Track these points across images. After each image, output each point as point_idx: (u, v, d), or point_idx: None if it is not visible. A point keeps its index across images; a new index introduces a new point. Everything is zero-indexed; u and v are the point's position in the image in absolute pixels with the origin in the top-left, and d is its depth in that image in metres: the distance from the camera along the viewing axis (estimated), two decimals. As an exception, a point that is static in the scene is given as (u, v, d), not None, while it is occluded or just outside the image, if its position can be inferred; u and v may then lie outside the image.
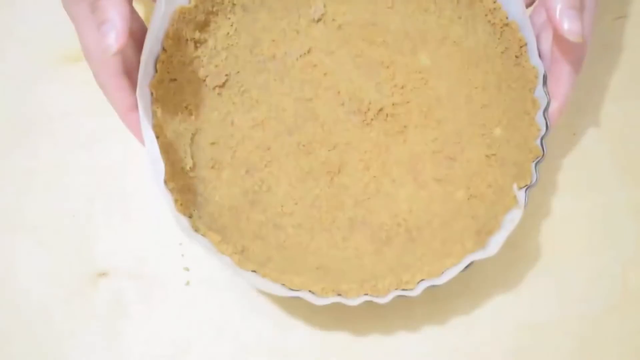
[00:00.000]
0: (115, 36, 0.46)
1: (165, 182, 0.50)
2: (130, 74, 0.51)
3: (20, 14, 0.64)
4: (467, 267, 0.50)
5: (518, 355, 0.56)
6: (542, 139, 0.51)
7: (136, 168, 0.58)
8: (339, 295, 0.49)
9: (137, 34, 0.52)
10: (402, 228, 0.55)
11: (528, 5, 0.54)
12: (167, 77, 0.52)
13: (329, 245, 0.54)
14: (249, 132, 0.56)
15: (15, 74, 0.62)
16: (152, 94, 0.51)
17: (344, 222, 0.55)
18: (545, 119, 0.51)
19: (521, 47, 0.53)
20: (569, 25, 0.48)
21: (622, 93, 0.63)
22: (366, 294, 0.49)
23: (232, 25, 0.56)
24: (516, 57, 0.53)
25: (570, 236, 0.59)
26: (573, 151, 0.61)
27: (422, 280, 0.50)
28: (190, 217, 0.51)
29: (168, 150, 0.52)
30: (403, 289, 0.50)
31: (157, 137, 0.51)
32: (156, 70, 0.52)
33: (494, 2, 0.53)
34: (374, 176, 0.56)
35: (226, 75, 0.56)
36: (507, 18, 0.53)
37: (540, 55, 0.52)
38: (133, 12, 0.53)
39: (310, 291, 0.49)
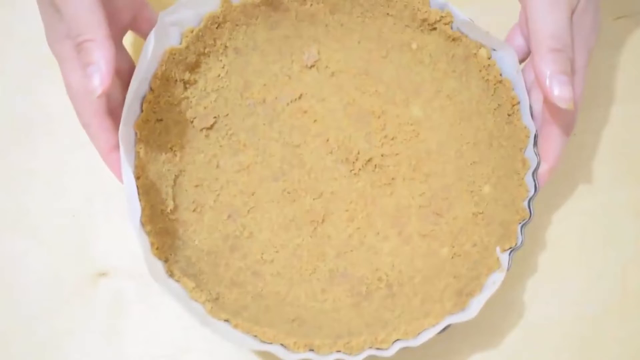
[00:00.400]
0: (99, 79, 0.45)
1: (143, 224, 0.49)
2: (115, 113, 0.50)
3: (20, 14, 0.64)
4: (444, 329, 0.48)
5: (518, 356, 0.56)
6: (529, 201, 0.50)
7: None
8: (311, 350, 0.48)
9: (125, 72, 0.52)
10: (383, 283, 0.54)
11: (521, 61, 0.53)
12: (153, 117, 0.52)
13: (307, 296, 0.53)
14: (234, 176, 0.56)
15: (15, 74, 0.63)
16: (136, 134, 0.51)
17: (324, 274, 0.54)
18: (534, 180, 0.50)
19: (513, 105, 0.52)
20: (559, 92, 0.47)
21: (622, 93, 0.63)
22: (339, 351, 0.48)
23: (223, 67, 0.55)
24: (508, 115, 0.52)
25: (570, 236, 0.59)
26: (573, 151, 0.60)
27: (398, 340, 0.48)
28: (166, 261, 0.50)
29: (149, 191, 0.51)
30: (377, 348, 0.48)
31: (138, 178, 0.50)
32: (142, 110, 0.51)
33: (489, 59, 0.53)
34: (358, 228, 0.55)
35: (214, 117, 0.55)
36: (500, 75, 0.52)
37: (532, 115, 0.51)
38: (122, 50, 0.53)
39: (282, 344, 0.48)
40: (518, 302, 0.57)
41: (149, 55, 0.50)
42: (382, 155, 0.56)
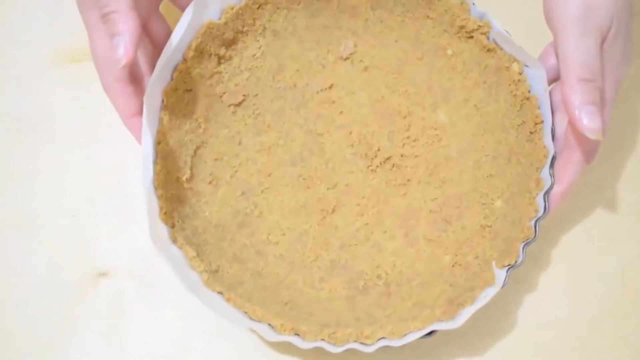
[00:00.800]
0: (124, 50, 0.47)
1: (155, 188, 0.50)
2: (139, 80, 0.52)
3: (20, 14, 0.64)
4: (429, 333, 0.49)
5: (516, 355, 0.56)
6: (537, 221, 0.50)
7: (136, 168, 0.59)
8: (297, 335, 0.49)
9: (161, 39, 0.53)
10: (381, 281, 0.54)
11: (553, 81, 0.52)
12: (183, 87, 0.53)
13: (305, 282, 0.54)
14: (254, 155, 0.57)
15: (15, 74, 0.63)
16: (163, 100, 0.52)
17: (325, 263, 0.55)
18: (545, 201, 0.50)
19: (537, 123, 0.51)
20: (588, 123, 0.46)
21: (623, 93, 0.60)
22: (323, 340, 0.49)
23: (259, 48, 0.56)
24: (530, 132, 0.52)
25: (569, 236, 0.59)
26: None
27: (382, 338, 0.49)
28: (172, 227, 0.51)
29: (167, 157, 0.52)
30: (361, 343, 0.49)
31: (159, 143, 0.52)
32: (172, 79, 0.52)
33: (520, 74, 0.52)
34: (366, 223, 0.56)
35: (244, 95, 0.57)
36: (529, 92, 0.52)
37: (553, 137, 0.51)
38: (159, 18, 0.54)
39: (269, 324, 0.49)
40: (515, 303, 0.57)
41: (185, 25, 0.51)
42: (401, 156, 0.57)
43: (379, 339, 0.49)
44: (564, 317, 0.57)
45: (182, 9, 0.52)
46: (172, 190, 0.52)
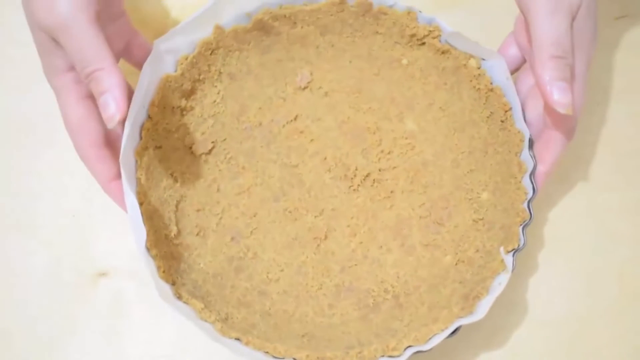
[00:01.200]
0: (115, 106, 0.46)
1: (148, 248, 0.49)
2: (113, 142, 0.51)
3: (20, 14, 0.62)
4: (454, 332, 0.49)
5: (515, 354, 0.56)
6: (529, 202, 0.51)
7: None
8: None
9: None
10: (389, 294, 0.54)
11: (513, 72, 0.54)
12: (152, 144, 0.52)
13: (315, 312, 0.53)
14: (235, 199, 0.56)
15: (15, 74, 0.63)
16: (136, 161, 0.51)
17: (330, 289, 0.54)
18: (532, 182, 0.51)
19: (506, 111, 0.53)
20: (558, 97, 0.48)
21: (622, 93, 0.63)
22: None
23: (218, 93, 0.56)
24: (501, 121, 0.53)
25: (568, 236, 0.59)
26: (571, 149, 0.60)
27: (409, 346, 0.49)
28: (173, 284, 0.50)
29: (152, 216, 0.51)
30: (389, 356, 0.48)
31: (141, 204, 0.50)
32: (141, 137, 0.52)
33: (478, 68, 0.54)
34: (361, 242, 0.56)
35: (212, 142, 0.56)
36: (491, 83, 0.53)
37: (526, 122, 0.52)
38: None
39: (294, 358, 0.48)
40: (516, 302, 0.58)
41: (145, 82, 0.50)
42: (379, 170, 0.57)
43: (406, 348, 0.49)
44: (562, 316, 0.57)
45: (139, 66, 0.52)
46: (164, 248, 0.51)
